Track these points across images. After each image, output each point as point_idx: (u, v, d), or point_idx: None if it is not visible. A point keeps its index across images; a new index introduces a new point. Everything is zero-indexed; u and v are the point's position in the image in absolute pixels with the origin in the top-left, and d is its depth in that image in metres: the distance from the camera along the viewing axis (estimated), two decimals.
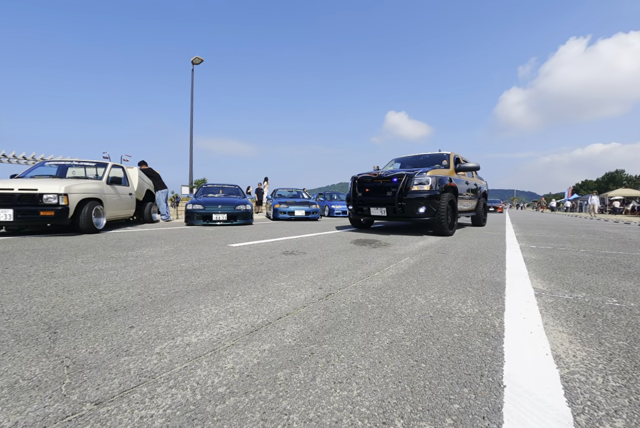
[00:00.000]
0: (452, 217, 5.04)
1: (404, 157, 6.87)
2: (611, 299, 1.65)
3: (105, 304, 1.46)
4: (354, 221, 6.13)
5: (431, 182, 4.68)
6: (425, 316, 1.36)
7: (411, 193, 4.72)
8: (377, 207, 5.05)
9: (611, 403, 0.78)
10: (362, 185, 5.32)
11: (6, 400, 0.75)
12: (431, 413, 0.73)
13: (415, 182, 4.75)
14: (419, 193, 4.69)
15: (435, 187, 4.68)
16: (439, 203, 4.66)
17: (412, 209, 4.70)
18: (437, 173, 4.89)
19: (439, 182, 4.76)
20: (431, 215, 4.67)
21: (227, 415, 0.72)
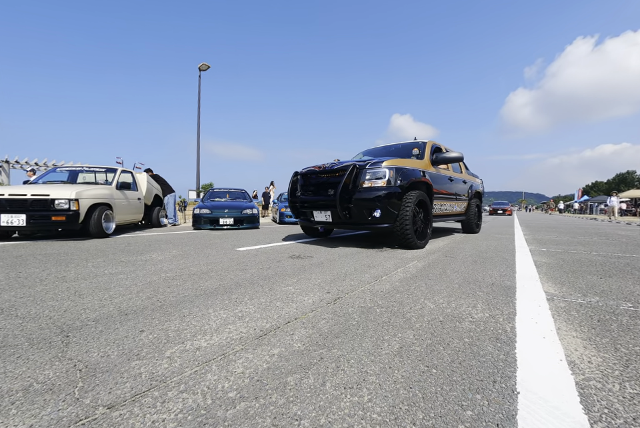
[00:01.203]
0: (424, 223, 3.90)
1: (374, 148, 5.57)
2: (626, 303, 1.61)
3: (115, 308, 1.47)
4: (307, 228, 4.89)
5: (388, 176, 3.47)
6: (435, 320, 1.34)
7: (360, 191, 3.51)
8: (320, 209, 3.85)
9: (629, 411, 0.76)
10: (306, 182, 4.17)
11: (21, 403, 0.77)
12: (444, 420, 0.72)
13: (367, 176, 3.53)
14: (371, 190, 3.46)
15: (394, 182, 3.48)
16: (400, 204, 3.50)
17: (361, 213, 3.50)
18: (399, 164, 3.67)
19: (402, 176, 3.56)
20: (389, 221, 3.47)
21: (238, 420, 0.72)
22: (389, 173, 3.50)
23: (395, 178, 3.51)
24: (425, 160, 4.40)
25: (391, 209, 3.43)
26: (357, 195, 3.51)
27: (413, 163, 4.03)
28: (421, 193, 3.74)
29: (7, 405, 0.76)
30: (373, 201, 3.43)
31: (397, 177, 3.53)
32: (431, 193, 4.18)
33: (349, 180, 3.53)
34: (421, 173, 3.96)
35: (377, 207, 3.43)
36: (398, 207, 3.49)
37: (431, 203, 4.10)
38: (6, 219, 4.03)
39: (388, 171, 3.51)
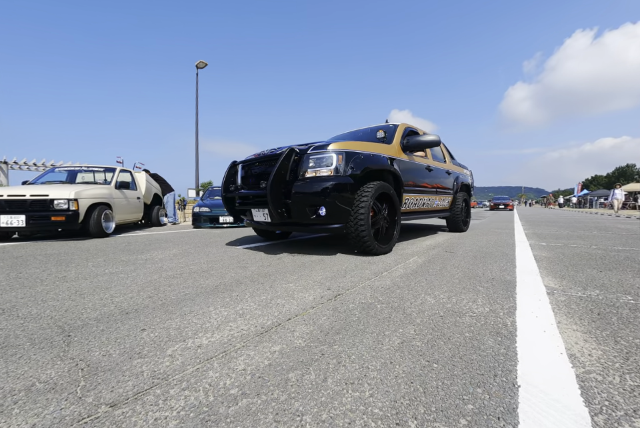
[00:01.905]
0: (390, 222, 3.22)
1: (341, 134, 4.89)
2: (626, 296, 1.61)
3: (116, 307, 1.47)
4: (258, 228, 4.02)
5: (335, 162, 2.72)
6: (435, 316, 1.35)
7: (300, 183, 2.73)
8: (259, 207, 3.08)
9: (630, 403, 0.77)
10: (246, 174, 3.35)
11: (23, 402, 0.77)
12: (445, 414, 0.73)
13: (310, 163, 2.78)
14: (314, 182, 2.68)
15: (345, 171, 2.74)
16: (353, 198, 2.77)
17: (303, 211, 2.72)
18: (352, 147, 2.91)
19: (355, 162, 2.82)
20: (339, 220, 2.75)
21: (240, 416, 0.72)
22: (337, 159, 2.73)
23: (346, 165, 2.75)
24: (394, 145, 3.57)
25: (340, 205, 2.68)
26: (295, 188, 2.71)
27: (376, 147, 3.24)
28: (384, 185, 3.01)
29: (10, 404, 0.76)
30: (315, 195, 2.63)
31: (348, 163, 2.77)
32: (399, 185, 3.44)
33: (283, 168, 2.72)
34: (387, 160, 3.24)
35: (321, 202, 2.64)
36: (350, 202, 2.75)
37: (399, 197, 3.44)
38: (5, 220, 4.03)
39: (335, 156, 2.73)
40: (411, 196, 3.77)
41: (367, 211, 2.73)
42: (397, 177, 3.40)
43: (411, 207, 3.86)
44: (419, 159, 4.06)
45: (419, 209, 4.10)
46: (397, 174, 3.37)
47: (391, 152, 3.45)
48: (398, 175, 3.38)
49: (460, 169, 5.61)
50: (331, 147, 2.81)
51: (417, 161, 3.97)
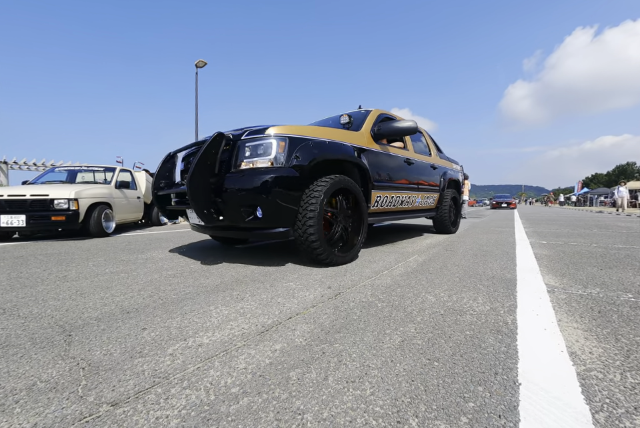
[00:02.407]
0: (356, 225, 2.69)
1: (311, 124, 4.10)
2: (627, 294, 1.61)
3: (117, 306, 1.48)
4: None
5: (275, 150, 2.20)
6: (436, 314, 1.35)
7: (232, 178, 2.24)
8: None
9: (631, 400, 0.77)
10: (186, 167, 2.90)
11: (25, 402, 0.77)
12: (446, 412, 0.73)
13: (245, 152, 2.27)
14: (248, 175, 2.19)
15: (288, 161, 2.20)
16: (301, 196, 2.27)
17: (237, 212, 2.23)
18: (299, 132, 2.35)
19: (303, 151, 2.28)
20: (283, 223, 2.25)
21: (241, 415, 0.72)
22: (277, 146, 2.19)
23: (290, 154, 2.20)
24: (362, 133, 3.03)
25: (283, 205, 2.17)
26: (226, 183, 2.21)
27: (336, 133, 2.66)
28: (343, 180, 2.47)
29: (11, 403, 0.76)
30: (249, 192, 2.13)
31: (292, 152, 2.22)
32: (367, 180, 2.89)
33: (210, 158, 2.21)
34: (351, 150, 2.70)
35: (256, 201, 2.14)
36: (296, 200, 2.24)
37: (367, 195, 2.94)
38: (6, 220, 4.03)
39: (275, 143, 2.20)
40: (385, 193, 3.21)
41: (317, 211, 2.20)
42: (363, 170, 2.84)
43: (385, 207, 3.33)
44: (396, 150, 3.48)
45: (396, 209, 3.57)
46: (363, 167, 2.80)
47: (359, 140, 2.89)
48: (364, 168, 2.82)
49: (448, 164, 5.04)
50: (270, 130, 2.25)
51: (393, 153, 3.40)
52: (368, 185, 2.92)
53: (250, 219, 2.21)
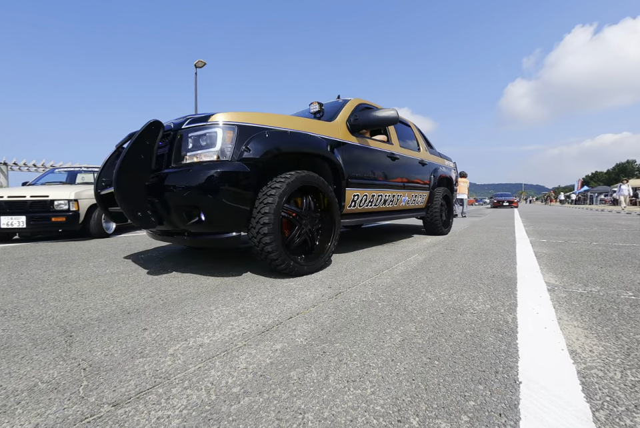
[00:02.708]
0: (327, 228, 2.36)
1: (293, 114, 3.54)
2: (627, 292, 1.61)
3: (118, 307, 1.48)
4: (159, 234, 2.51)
5: (221, 141, 1.88)
6: (436, 313, 1.35)
7: (168, 175, 1.92)
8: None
9: (631, 398, 0.77)
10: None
11: (26, 403, 0.77)
12: (447, 411, 0.73)
13: (188, 144, 1.95)
14: (187, 172, 1.87)
15: (237, 154, 1.88)
16: (251, 195, 1.94)
17: (175, 214, 1.92)
18: (254, 120, 2.04)
19: (256, 141, 1.95)
20: (231, 227, 1.92)
21: (242, 414, 0.72)
22: (224, 137, 1.86)
23: (240, 146, 1.87)
24: (337, 123, 2.68)
25: (231, 205, 1.83)
26: (164, 181, 1.88)
27: (302, 123, 2.33)
28: (308, 176, 2.13)
29: (13, 404, 0.76)
30: (188, 190, 1.80)
31: (243, 143, 1.89)
32: (340, 177, 2.55)
33: (144, 151, 1.89)
34: (322, 143, 2.37)
35: (197, 201, 1.81)
36: (247, 200, 1.90)
37: (340, 194, 2.58)
38: (6, 221, 4.03)
39: (221, 132, 1.86)
40: (364, 192, 2.88)
41: (274, 212, 1.86)
42: (335, 165, 2.49)
43: (365, 207, 3.00)
44: (378, 144, 3.15)
45: (378, 209, 3.24)
46: (334, 161, 2.45)
47: (331, 132, 2.55)
48: (336, 163, 2.47)
49: (439, 160, 4.73)
50: (216, 117, 1.91)
51: (374, 147, 3.06)
52: (341, 182, 2.57)
53: (192, 223, 1.87)
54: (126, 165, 1.84)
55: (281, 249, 1.93)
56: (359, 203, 2.88)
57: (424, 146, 4.37)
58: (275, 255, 1.90)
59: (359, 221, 2.95)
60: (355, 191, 2.77)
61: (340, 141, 2.63)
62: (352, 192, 2.74)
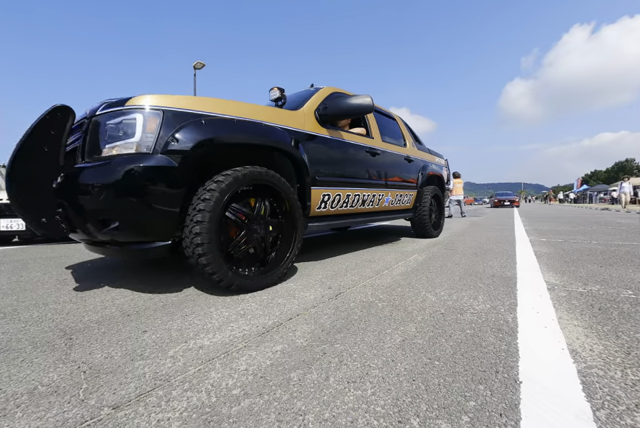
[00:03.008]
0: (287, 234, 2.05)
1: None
2: (627, 291, 1.61)
3: (117, 309, 1.47)
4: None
5: (141, 130, 1.52)
6: (436, 313, 1.35)
7: (78, 173, 1.56)
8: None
9: (632, 397, 0.77)
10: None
11: (26, 406, 0.77)
12: (447, 411, 0.73)
13: (101, 134, 1.57)
14: (99, 168, 1.51)
15: (162, 146, 1.52)
16: (180, 195, 1.58)
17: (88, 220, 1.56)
18: (186, 104, 1.67)
19: (188, 130, 1.59)
20: (156, 235, 1.59)
21: (243, 416, 0.72)
22: (145, 124, 1.53)
23: (165, 135, 1.54)
24: (303, 112, 2.34)
25: (153, 208, 1.50)
26: (76, 178, 1.56)
27: (254, 110, 1.96)
28: (260, 173, 1.79)
29: (13, 408, 0.76)
30: (98, 191, 1.49)
31: (170, 132, 1.55)
32: (304, 175, 2.20)
33: (46, 142, 1.61)
34: (281, 134, 2.04)
35: (110, 205, 1.49)
36: (175, 202, 1.56)
37: (304, 194, 2.24)
38: (5, 224, 4.02)
39: (142, 119, 1.53)
40: (336, 191, 2.52)
41: (209, 216, 1.52)
42: (297, 161, 2.13)
43: (338, 208, 2.63)
44: (354, 137, 2.79)
45: (355, 210, 2.89)
46: (295, 156, 2.10)
47: (295, 122, 2.22)
48: (298, 157, 2.12)
49: (429, 156, 4.39)
50: (135, 101, 1.56)
51: (349, 140, 2.70)
52: (305, 180, 2.22)
53: (107, 230, 1.52)
54: (23, 160, 1.52)
55: (219, 260, 1.58)
56: (331, 203, 2.53)
57: (411, 141, 4.02)
58: (211, 268, 1.56)
59: (331, 225, 2.57)
60: (324, 191, 2.42)
61: (306, 132, 2.29)
62: (321, 191, 2.39)
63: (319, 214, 2.48)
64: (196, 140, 1.60)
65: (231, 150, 1.87)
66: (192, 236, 1.53)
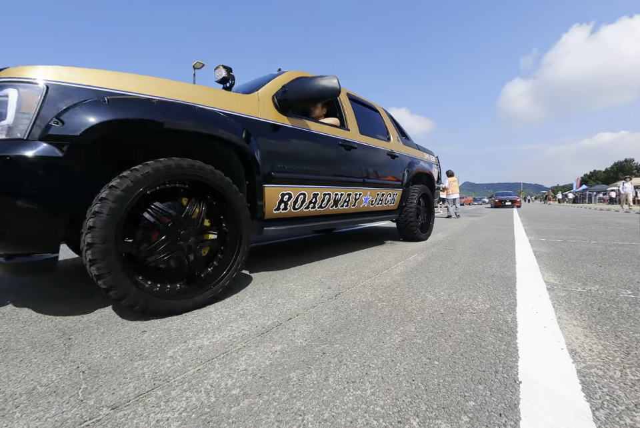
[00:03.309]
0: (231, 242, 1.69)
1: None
2: (626, 291, 1.62)
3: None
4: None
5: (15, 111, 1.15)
6: (436, 313, 1.35)
7: None
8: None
9: (631, 397, 0.77)
10: None
11: (25, 406, 0.77)
12: (447, 411, 0.73)
13: None
14: None
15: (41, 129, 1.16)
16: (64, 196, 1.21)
17: None
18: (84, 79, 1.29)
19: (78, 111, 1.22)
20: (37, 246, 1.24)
21: (242, 416, 0.72)
22: (22, 101, 1.17)
23: (46, 116, 1.19)
24: (257, 96, 1.98)
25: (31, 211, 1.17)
26: None
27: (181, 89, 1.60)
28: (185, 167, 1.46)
29: (11, 408, 0.76)
30: None
31: (54, 113, 1.20)
32: (252, 170, 1.85)
33: None
34: (223, 121, 1.68)
35: None
36: (59, 205, 1.23)
37: (256, 193, 1.89)
38: None
39: (17, 95, 1.18)
40: (299, 189, 2.16)
41: (104, 227, 1.20)
42: (244, 154, 1.77)
43: (303, 209, 2.28)
44: (323, 128, 2.42)
45: (326, 212, 2.52)
46: (241, 148, 1.74)
47: (246, 108, 1.85)
48: (244, 150, 1.75)
49: (417, 152, 4.04)
50: (10, 72, 1.26)
51: (317, 131, 2.34)
52: (254, 176, 1.85)
53: None
54: None
55: (121, 276, 1.24)
56: (293, 204, 2.17)
57: (395, 135, 3.65)
58: (106, 281, 1.21)
59: (296, 228, 2.21)
60: (284, 189, 2.05)
61: (260, 120, 1.91)
62: (279, 190, 2.01)
63: (277, 216, 2.12)
64: (90, 123, 1.23)
65: (154, 138, 1.56)
66: (85, 247, 1.20)
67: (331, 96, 2.10)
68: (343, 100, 2.86)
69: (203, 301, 1.50)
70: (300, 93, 2.07)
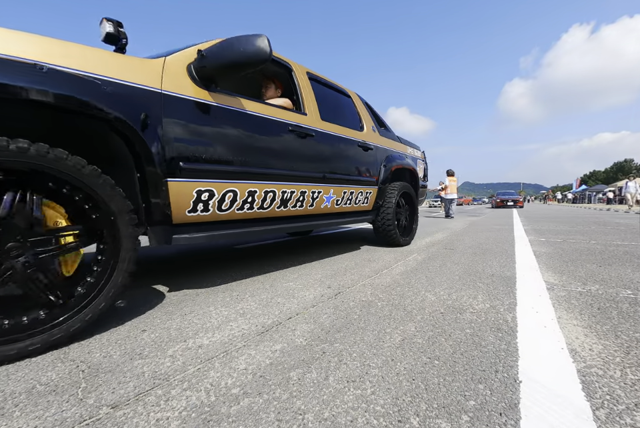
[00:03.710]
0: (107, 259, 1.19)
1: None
2: (626, 291, 1.62)
3: (117, 308, 1.47)
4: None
5: None
6: (436, 312, 1.35)
7: None
8: None
9: (631, 397, 0.77)
10: None
11: (24, 405, 0.77)
12: (447, 410, 0.73)
13: None
14: None
15: None
16: None
17: None
18: None
19: None
20: None
21: (242, 415, 0.72)
22: None
23: None
24: (165, 63, 1.50)
25: None
26: None
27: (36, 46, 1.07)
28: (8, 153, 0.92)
29: (11, 407, 0.76)
30: None
31: None
32: (141, 158, 1.35)
33: None
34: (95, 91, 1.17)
35: None
36: None
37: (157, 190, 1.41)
38: None
39: None
40: (227, 185, 1.68)
41: None
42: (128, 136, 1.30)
43: (235, 211, 1.77)
44: (266, 109, 1.93)
45: (269, 214, 2.01)
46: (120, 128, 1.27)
47: (142, 76, 1.38)
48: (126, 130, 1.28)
49: (398, 146, 3.53)
50: None
51: (254, 111, 1.84)
52: (144, 167, 1.37)
53: None
54: None
55: None
56: (218, 204, 1.67)
57: (370, 123, 3.11)
58: None
59: (222, 235, 1.75)
60: (201, 184, 1.57)
61: (161, 92, 1.43)
62: (193, 186, 1.53)
63: (195, 220, 1.62)
64: None
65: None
66: None
67: (259, 61, 1.58)
68: (301, 78, 2.37)
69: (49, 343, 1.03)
70: (219, 58, 1.57)
